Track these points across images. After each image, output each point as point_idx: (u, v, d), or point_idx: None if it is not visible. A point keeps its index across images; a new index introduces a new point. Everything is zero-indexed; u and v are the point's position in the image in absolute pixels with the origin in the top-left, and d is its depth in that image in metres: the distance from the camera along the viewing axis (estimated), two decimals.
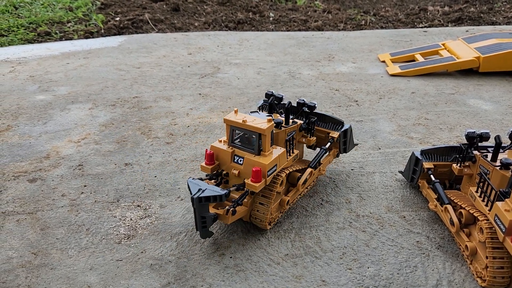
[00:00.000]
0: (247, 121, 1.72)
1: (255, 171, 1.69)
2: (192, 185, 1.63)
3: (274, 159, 1.76)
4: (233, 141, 1.80)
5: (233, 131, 1.79)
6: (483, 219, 1.63)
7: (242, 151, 1.78)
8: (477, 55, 3.58)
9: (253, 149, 1.76)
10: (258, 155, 1.75)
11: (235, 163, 1.78)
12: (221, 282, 1.66)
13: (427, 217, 1.98)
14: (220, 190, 1.61)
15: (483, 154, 1.79)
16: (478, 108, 3.04)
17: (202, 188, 1.61)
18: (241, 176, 1.78)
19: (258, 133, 1.72)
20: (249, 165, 1.74)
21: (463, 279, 1.67)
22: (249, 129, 1.73)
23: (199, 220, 1.65)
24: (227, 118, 1.76)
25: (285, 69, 3.84)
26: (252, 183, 1.71)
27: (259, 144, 1.74)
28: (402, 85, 3.47)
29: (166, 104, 3.16)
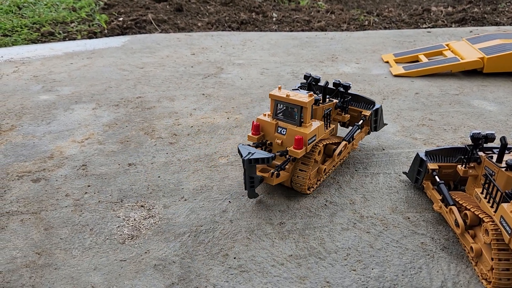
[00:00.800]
0: (290, 95, 1.96)
1: (298, 139, 1.92)
2: (243, 149, 1.87)
3: (314, 130, 1.99)
4: (276, 114, 2.04)
5: (277, 105, 2.02)
6: (489, 220, 1.62)
7: (285, 123, 2.01)
8: (481, 55, 3.57)
9: (295, 121, 2.00)
10: (300, 126, 1.99)
11: (279, 134, 2.02)
12: (225, 283, 1.66)
13: (431, 218, 1.97)
14: (267, 153, 1.86)
15: (488, 155, 1.79)
16: (482, 109, 3.03)
17: (251, 151, 1.85)
18: (284, 145, 2.02)
19: (300, 106, 1.94)
20: (292, 135, 1.98)
21: (468, 280, 1.66)
22: (292, 103, 1.96)
23: (248, 180, 1.88)
24: (272, 93, 1.99)
25: (288, 70, 3.84)
26: (295, 150, 1.94)
27: (301, 116, 1.97)
28: (405, 85, 3.46)
29: (169, 104, 3.16)
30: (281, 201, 2.10)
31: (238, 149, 1.90)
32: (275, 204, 2.08)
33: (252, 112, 3.02)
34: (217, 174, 2.32)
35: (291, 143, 1.99)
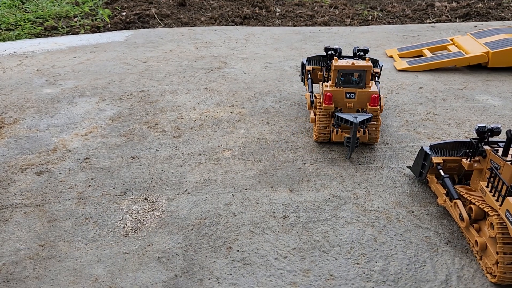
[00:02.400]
0: (355, 63, 2.30)
1: (374, 97, 2.28)
2: (345, 115, 2.18)
3: (376, 89, 2.35)
4: (340, 83, 2.34)
5: (339, 75, 2.32)
6: (494, 214, 1.61)
7: (351, 88, 2.32)
8: (486, 50, 3.54)
9: (359, 85, 2.33)
10: (365, 88, 2.32)
11: (348, 99, 2.32)
12: (228, 276, 1.66)
13: (435, 212, 1.97)
14: (366, 114, 2.22)
15: (494, 149, 1.77)
16: (487, 104, 3.01)
17: (353, 115, 2.16)
18: (354, 107, 2.34)
19: (364, 70, 2.30)
20: (363, 97, 2.32)
21: (472, 274, 1.66)
22: (358, 69, 2.30)
23: (354, 141, 2.17)
24: (337, 64, 2.30)
25: (291, 64, 3.82)
26: (373, 107, 2.30)
27: (365, 79, 2.32)
28: (409, 80, 3.45)
29: (172, 98, 3.15)
30: (284, 194, 2.09)
31: (338, 117, 2.18)
32: (279, 198, 2.07)
33: (255, 106, 3.01)
34: (220, 168, 2.32)
35: (361, 104, 2.32)
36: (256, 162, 2.36)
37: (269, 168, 2.31)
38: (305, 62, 2.82)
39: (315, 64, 2.81)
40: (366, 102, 2.32)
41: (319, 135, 2.42)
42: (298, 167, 2.31)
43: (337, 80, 2.33)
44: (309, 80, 2.73)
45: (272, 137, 2.61)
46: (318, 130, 2.40)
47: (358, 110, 2.33)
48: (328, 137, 2.41)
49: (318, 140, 2.45)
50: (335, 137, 2.32)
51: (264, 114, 2.91)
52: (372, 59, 2.68)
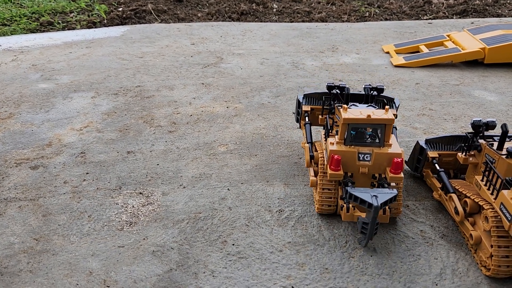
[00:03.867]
0: (371, 115, 1.69)
1: (397, 162, 1.67)
2: (361, 193, 1.58)
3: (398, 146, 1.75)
4: (352, 140, 1.74)
5: (349, 129, 1.72)
6: (489, 207, 1.61)
7: (365, 147, 1.73)
8: (482, 46, 3.55)
9: (375, 142, 1.74)
10: (383, 146, 1.73)
11: (362, 161, 1.73)
12: (223, 269, 1.66)
13: (431, 206, 1.97)
14: (388, 190, 1.61)
15: (489, 143, 1.77)
16: (483, 99, 3.01)
17: (372, 193, 1.57)
18: (370, 172, 1.74)
19: (383, 124, 1.70)
20: (381, 159, 1.71)
21: (467, 268, 1.66)
22: (376, 123, 1.70)
23: (373, 228, 1.59)
24: (348, 117, 1.69)
25: (288, 60, 3.82)
26: (396, 175, 1.68)
27: (384, 135, 1.72)
28: (406, 76, 3.45)
29: (168, 93, 3.14)
30: (279, 188, 2.09)
31: (351, 195, 1.58)
32: (274, 192, 2.07)
33: (251, 101, 3.01)
34: (216, 162, 2.31)
35: (378, 169, 1.74)
36: (252, 157, 2.36)
37: (264, 162, 2.31)
38: (302, 100, 2.21)
39: (315, 102, 2.20)
40: (386, 166, 1.72)
41: (322, 207, 1.85)
42: (294, 161, 2.30)
43: (346, 136, 1.74)
44: (306, 125, 2.12)
45: (268, 132, 2.60)
46: (321, 201, 1.84)
47: (374, 176, 1.76)
48: (334, 209, 1.86)
49: (321, 213, 1.90)
50: (346, 216, 1.73)
51: (260, 109, 2.90)
52: (387, 97, 2.08)
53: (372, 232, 1.60)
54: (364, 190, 1.59)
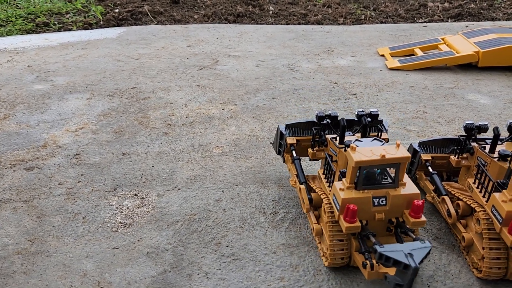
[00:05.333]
0: (385, 155, 1.48)
1: (417, 205, 1.49)
2: (395, 254, 1.34)
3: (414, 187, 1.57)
4: (364, 183, 1.54)
5: (361, 172, 1.52)
6: (480, 210, 1.63)
7: (379, 190, 1.54)
8: (476, 49, 3.57)
9: (388, 183, 1.55)
10: (398, 187, 1.54)
11: (377, 206, 1.53)
12: (217, 271, 1.66)
13: (424, 208, 1.98)
14: (420, 243, 1.39)
15: (481, 146, 1.79)
16: (476, 102, 3.04)
17: (405, 251, 1.35)
18: (386, 218, 1.55)
19: (399, 163, 1.51)
20: (397, 201, 1.53)
21: (459, 270, 1.67)
22: (390, 162, 1.50)
23: (410, 286, 1.36)
24: (360, 159, 1.47)
25: (284, 62, 3.83)
26: (417, 220, 1.51)
27: (398, 175, 1.54)
28: (401, 78, 3.47)
29: (164, 95, 3.15)
30: (274, 190, 2.10)
31: (381, 255, 1.34)
32: (268, 194, 2.08)
33: (247, 103, 3.02)
34: (211, 164, 2.32)
35: (395, 212, 1.55)
36: (247, 159, 2.37)
37: (259, 164, 2.32)
38: (285, 131, 1.95)
39: (301, 133, 1.97)
40: (404, 208, 1.55)
41: (334, 262, 1.62)
42: None
43: (357, 180, 1.53)
44: (296, 161, 1.91)
45: (263, 134, 2.61)
46: (333, 254, 1.60)
47: (391, 221, 1.57)
48: (348, 261, 1.63)
49: (333, 266, 1.67)
50: (371, 275, 1.49)
51: (255, 111, 2.91)
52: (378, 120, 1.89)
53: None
54: (395, 248, 1.36)
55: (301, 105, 3.01)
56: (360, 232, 1.52)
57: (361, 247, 1.54)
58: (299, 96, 3.14)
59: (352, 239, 1.58)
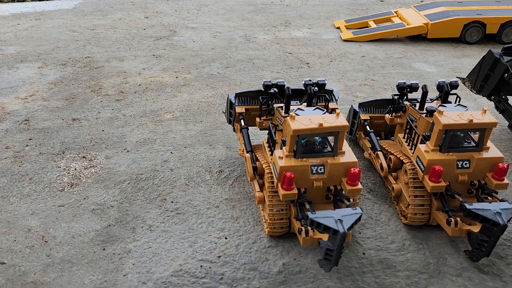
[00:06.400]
0: (323, 123, 1.49)
1: (354, 173, 1.49)
2: (325, 220, 1.35)
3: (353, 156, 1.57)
4: (303, 151, 1.54)
5: (300, 140, 1.52)
6: (408, 161, 1.75)
7: (317, 158, 1.54)
8: (426, 21, 3.70)
9: (328, 152, 1.55)
10: (336, 155, 1.55)
11: (316, 174, 1.53)
12: (161, 224, 1.73)
13: (362, 165, 2.09)
14: (351, 209, 1.41)
15: (412, 104, 1.90)
16: (422, 71, 3.17)
17: (336, 217, 1.36)
18: (324, 186, 1.55)
19: (337, 131, 1.52)
20: (335, 169, 1.53)
21: (388, 218, 1.80)
22: (328, 131, 1.51)
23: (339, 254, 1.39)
24: (298, 128, 1.48)
25: (241, 34, 3.86)
26: (353, 187, 1.51)
27: (336, 143, 1.54)
28: (353, 49, 3.57)
29: (118, 64, 3.14)
30: (221, 151, 2.17)
31: (312, 221, 1.36)
32: (216, 155, 2.14)
33: (201, 72, 3.05)
34: (161, 128, 2.36)
35: (334, 181, 1.56)
36: (197, 123, 2.42)
37: (209, 128, 2.38)
38: (234, 100, 1.93)
39: (249, 102, 1.93)
40: (342, 176, 1.55)
41: (273, 230, 1.64)
42: None
43: (296, 148, 1.53)
44: (243, 130, 1.88)
45: (215, 100, 2.66)
46: (273, 223, 1.62)
47: (329, 189, 1.58)
48: (287, 229, 1.66)
49: (272, 235, 1.68)
50: (305, 241, 1.51)
51: (209, 79, 2.95)
52: (326, 90, 1.88)
53: (338, 258, 1.39)
54: (326, 214, 1.37)
55: (254, 74, 3.06)
56: (297, 199, 1.54)
57: (298, 214, 1.55)
58: (253, 65, 3.20)
59: (291, 207, 1.61)
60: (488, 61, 2.22)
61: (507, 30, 3.65)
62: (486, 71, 2.24)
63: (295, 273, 1.58)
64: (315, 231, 1.50)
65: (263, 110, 1.83)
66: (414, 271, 1.62)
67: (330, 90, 1.93)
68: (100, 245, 1.63)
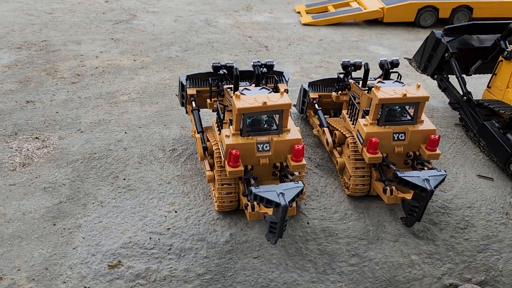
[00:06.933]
0: (266, 102, 1.54)
1: (297, 150, 1.56)
2: (268, 194, 1.42)
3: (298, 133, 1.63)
4: (249, 130, 1.59)
5: (245, 120, 1.56)
6: (350, 136, 1.84)
7: (263, 136, 1.60)
8: (382, 6, 3.81)
9: (273, 129, 1.61)
10: (281, 133, 1.61)
11: (262, 152, 1.59)
12: (112, 200, 1.77)
13: (312, 142, 2.18)
14: (293, 183, 1.48)
15: (356, 81, 1.99)
16: (376, 54, 3.27)
17: (278, 191, 1.43)
18: (270, 163, 1.61)
19: (281, 110, 1.58)
20: (280, 147, 1.59)
21: (333, 190, 1.89)
22: (272, 109, 1.56)
23: (283, 226, 1.45)
24: (242, 106, 1.53)
25: (202, 18, 3.88)
26: (298, 163, 1.57)
27: (282, 121, 1.59)
28: (312, 33, 3.64)
29: (75, 47, 3.12)
30: (175, 131, 2.21)
31: (255, 196, 1.42)
32: (170, 134, 2.18)
33: (160, 55, 3.06)
34: (116, 110, 2.38)
35: (279, 157, 1.61)
36: (153, 104, 2.45)
37: (164, 109, 2.41)
38: (185, 82, 1.94)
39: (200, 84, 1.95)
40: (287, 153, 1.61)
41: (222, 205, 1.69)
42: None
43: (242, 127, 1.58)
44: (194, 111, 1.90)
45: (172, 83, 2.69)
46: (221, 198, 1.67)
47: (275, 165, 1.65)
48: (236, 204, 1.71)
49: (221, 211, 1.73)
50: (251, 215, 1.58)
51: (167, 62, 2.97)
52: (276, 72, 1.94)
53: (282, 230, 1.47)
54: (268, 188, 1.43)
55: (213, 57, 3.10)
56: (243, 176, 1.59)
57: (245, 190, 1.60)
58: (212, 49, 3.23)
59: (239, 184, 1.67)
60: (430, 42, 2.33)
61: (458, 15, 3.80)
62: (429, 52, 2.35)
63: (242, 242, 1.66)
64: (261, 206, 1.55)
65: (213, 91, 1.85)
66: (354, 238, 1.72)
67: (280, 72, 1.98)
68: (50, 221, 1.66)
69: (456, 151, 2.16)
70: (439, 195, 1.86)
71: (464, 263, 1.70)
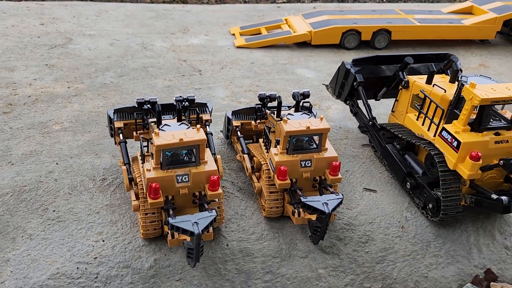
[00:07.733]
0: (183, 138, 1.70)
1: (213, 180, 1.73)
2: (183, 224, 1.57)
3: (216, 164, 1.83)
4: (169, 163, 1.75)
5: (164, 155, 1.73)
6: (265, 163, 2.03)
7: (181, 169, 1.76)
8: (309, 29, 4.08)
9: (193, 162, 1.78)
10: (199, 165, 1.78)
11: (181, 183, 1.76)
12: (41, 232, 1.86)
13: (235, 166, 2.36)
14: (208, 212, 1.64)
15: (272, 112, 2.19)
16: (302, 76, 3.52)
17: (193, 220, 1.58)
18: (189, 192, 1.79)
19: (198, 144, 1.73)
20: (197, 178, 1.77)
21: (252, 212, 2.07)
22: (188, 144, 1.72)
23: (198, 251, 1.62)
24: (160, 143, 1.69)
25: (138, 41, 3.99)
26: (212, 192, 1.75)
27: (199, 153, 1.76)
28: (244, 56, 3.85)
29: (8, 74, 3.14)
30: (106, 160, 2.32)
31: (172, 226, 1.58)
32: (101, 163, 2.29)
33: (94, 81, 3.15)
34: (48, 140, 2.46)
35: (197, 187, 1.79)
36: (85, 133, 2.55)
37: (97, 138, 2.51)
38: (113, 116, 2.07)
39: (128, 117, 2.08)
40: (204, 184, 1.79)
41: (147, 232, 1.85)
42: None
43: (162, 161, 1.74)
44: (122, 144, 2.02)
45: (105, 110, 2.79)
46: (146, 226, 1.83)
47: (195, 194, 1.82)
48: (160, 231, 1.88)
49: (146, 238, 1.89)
50: (172, 242, 1.76)
51: (101, 88, 3.07)
52: (200, 103, 2.15)
53: (198, 255, 1.63)
54: (184, 219, 1.59)
55: (147, 82, 3.23)
56: (163, 206, 1.76)
57: (166, 219, 1.69)
58: (147, 74, 3.36)
59: (162, 212, 1.83)
60: (342, 71, 2.59)
61: (379, 37, 4.14)
62: (342, 80, 2.60)
63: (165, 266, 1.81)
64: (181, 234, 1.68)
65: (138, 124, 2.03)
66: (269, 256, 1.91)
67: (203, 103, 2.18)
68: None
69: (365, 170, 2.41)
70: (345, 213, 2.10)
71: (364, 274, 1.94)
